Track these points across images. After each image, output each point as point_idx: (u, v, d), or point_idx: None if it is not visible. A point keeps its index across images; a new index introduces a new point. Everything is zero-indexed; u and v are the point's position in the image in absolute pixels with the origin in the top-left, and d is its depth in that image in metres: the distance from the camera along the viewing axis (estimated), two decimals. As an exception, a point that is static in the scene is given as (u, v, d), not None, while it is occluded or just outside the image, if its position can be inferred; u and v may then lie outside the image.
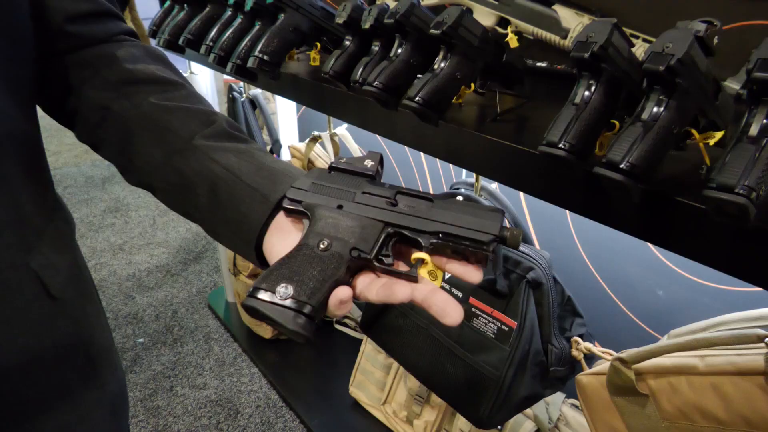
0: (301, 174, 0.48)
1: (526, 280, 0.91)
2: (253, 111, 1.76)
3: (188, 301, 2.13)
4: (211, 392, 1.70)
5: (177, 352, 1.87)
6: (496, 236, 0.40)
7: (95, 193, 3.06)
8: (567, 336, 0.95)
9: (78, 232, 2.60)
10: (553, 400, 1.11)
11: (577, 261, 1.19)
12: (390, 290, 0.38)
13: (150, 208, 2.86)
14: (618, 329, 1.14)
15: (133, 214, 2.82)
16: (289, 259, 0.40)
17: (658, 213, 0.44)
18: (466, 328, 0.98)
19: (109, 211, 2.85)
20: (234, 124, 0.53)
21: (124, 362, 1.81)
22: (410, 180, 1.68)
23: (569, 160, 0.43)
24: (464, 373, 0.97)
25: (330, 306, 0.39)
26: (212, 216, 0.48)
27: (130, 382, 1.73)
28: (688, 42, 0.38)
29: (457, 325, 0.37)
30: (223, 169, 0.47)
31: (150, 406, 1.64)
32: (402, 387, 1.41)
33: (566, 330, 0.96)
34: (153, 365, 1.81)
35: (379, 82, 0.58)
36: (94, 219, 2.77)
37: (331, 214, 0.43)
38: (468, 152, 0.62)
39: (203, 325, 1.99)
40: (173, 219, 2.75)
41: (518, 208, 1.27)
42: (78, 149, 3.57)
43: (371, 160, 0.47)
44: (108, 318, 2.01)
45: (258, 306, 0.38)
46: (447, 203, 0.43)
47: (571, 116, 0.43)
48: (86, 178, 3.25)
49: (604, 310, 1.16)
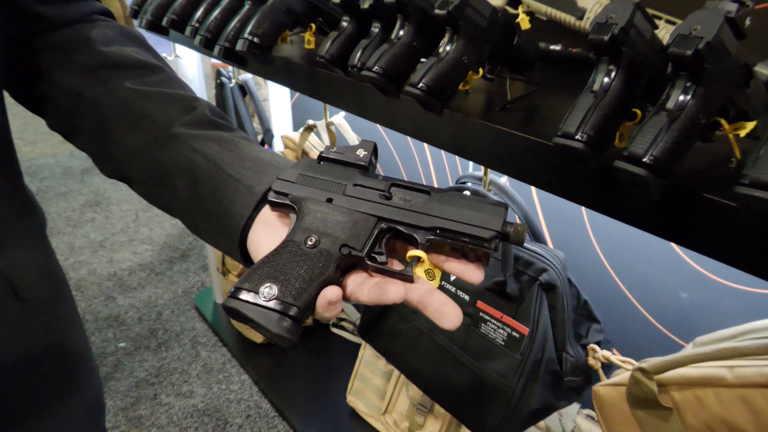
0: (288, 165, 0.48)
1: (538, 283, 0.91)
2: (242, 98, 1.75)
3: (174, 303, 2.13)
4: (198, 401, 1.70)
5: (161, 357, 1.87)
6: (498, 232, 0.40)
7: (74, 185, 3.07)
8: (583, 343, 0.95)
9: (55, 227, 2.61)
10: (567, 411, 1.11)
11: (593, 261, 1.18)
12: (383, 290, 0.37)
13: (133, 202, 2.86)
14: (638, 336, 1.13)
15: (114, 208, 2.82)
16: (274, 256, 0.40)
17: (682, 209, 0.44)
18: (473, 334, 0.97)
19: (89, 205, 2.86)
20: (217, 110, 0.52)
21: (105, 368, 1.81)
22: (413, 173, 1.67)
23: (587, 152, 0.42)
24: (470, 382, 0.97)
25: (318, 307, 0.39)
26: (193, 210, 0.48)
27: (110, 389, 1.73)
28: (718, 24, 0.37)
29: (455, 328, 0.37)
30: (204, 159, 0.47)
31: (132, 416, 1.64)
32: (403, 396, 1.41)
33: (582, 336, 0.96)
34: (135, 371, 1.81)
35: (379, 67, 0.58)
36: (73, 214, 2.77)
37: (319, 208, 0.43)
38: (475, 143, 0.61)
39: (190, 329, 2.00)
40: (158, 214, 2.75)
41: (530, 204, 1.27)
42: (55, 138, 3.57)
43: (364, 150, 0.47)
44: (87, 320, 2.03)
45: (239, 307, 0.37)
46: (446, 197, 0.43)
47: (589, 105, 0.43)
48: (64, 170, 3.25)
49: (623, 314, 1.15)
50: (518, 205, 0.99)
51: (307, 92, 0.87)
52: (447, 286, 1.02)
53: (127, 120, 0.49)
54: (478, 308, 0.97)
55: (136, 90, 0.50)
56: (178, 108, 0.50)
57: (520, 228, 0.41)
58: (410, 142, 1.66)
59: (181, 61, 1.82)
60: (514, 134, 0.55)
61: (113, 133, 0.49)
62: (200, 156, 0.47)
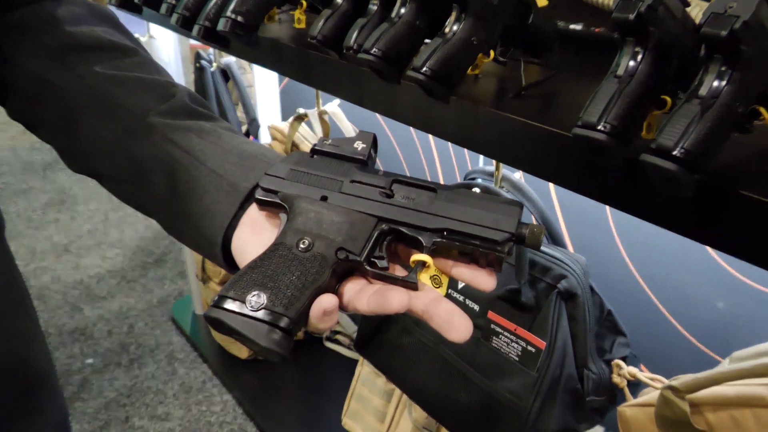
0: (278, 159, 0.48)
1: (557, 291, 0.91)
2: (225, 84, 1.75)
3: (147, 314, 2.13)
4: (175, 424, 1.70)
5: (134, 375, 1.87)
6: (512, 234, 0.40)
7: (35, 182, 3.07)
8: (607, 359, 0.95)
9: (14, 229, 2.61)
10: (588, 435, 1.11)
11: (619, 267, 1.18)
12: (383, 298, 0.38)
13: (101, 201, 2.86)
14: (669, 350, 1.14)
15: (81, 207, 2.83)
16: (263, 261, 0.40)
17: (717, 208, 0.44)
18: (483, 349, 0.98)
19: (52, 205, 2.86)
20: (197, 98, 0.53)
21: (71, 387, 1.81)
22: (417, 168, 1.67)
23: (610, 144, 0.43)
24: (480, 403, 0.97)
25: (311, 318, 0.39)
26: (170, 209, 0.48)
27: (76, 411, 1.73)
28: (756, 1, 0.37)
29: (464, 341, 0.37)
30: (183, 152, 0.47)
31: (101, 441, 1.65)
32: (406, 418, 1.41)
33: (606, 351, 0.96)
34: (105, 391, 1.81)
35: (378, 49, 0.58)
36: (34, 214, 2.78)
37: (313, 207, 0.43)
38: (486, 134, 0.61)
39: (166, 343, 2.00)
40: (130, 214, 2.75)
41: (547, 202, 1.27)
42: (14, 129, 3.57)
43: (362, 142, 0.47)
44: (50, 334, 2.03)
45: (223, 318, 0.38)
46: (454, 195, 0.43)
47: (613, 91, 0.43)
48: (24, 165, 3.25)
49: (652, 326, 1.15)
50: (534, 204, 0.99)
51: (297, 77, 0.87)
52: (454, 294, 1.02)
53: (97, 108, 0.49)
54: (490, 319, 0.97)
55: (107, 75, 0.50)
56: (154, 95, 0.50)
57: (536, 229, 0.41)
58: (413, 134, 1.66)
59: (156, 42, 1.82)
60: (530, 124, 0.56)
61: (81, 123, 0.50)
62: (179, 149, 0.47)
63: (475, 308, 0.99)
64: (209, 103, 1.72)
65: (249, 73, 2.07)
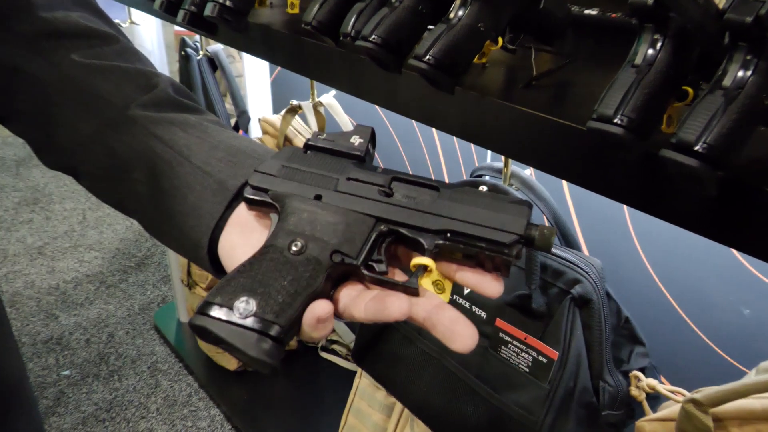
0: (268, 154, 0.48)
1: (570, 297, 0.91)
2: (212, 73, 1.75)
3: (128, 322, 2.14)
4: (159, 441, 1.70)
5: (114, 388, 1.87)
6: (520, 236, 0.40)
7: (7, 179, 3.07)
8: (624, 370, 0.95)
9: (-15, 230, 2.62)
10: (604, 452, 1.11)
11: (637, 271, 1.18)
12: (382, 305, 0.38)
13: (79, 200, 2.86)
14: (691, 360, 1.14)
15: (56, 207, 2.83)
16: (252, 265, 0.40)
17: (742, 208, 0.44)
18: (491, 359, 0.98)
19: (26, 204, 2.86)
20: (182, 89, 0.53)
21: (45, 401, 1.81)
22: (419, 165, 1.68)
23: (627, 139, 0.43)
24: (488, 417, 0.97)
25: (304, 326, 0.39)
26: (152, 208, 0.48)
27: (52, 426, 1.74)
28: (785, -16, 0.37)
29: (469, 351, 0.37)
30: (166, 146, 0.47)
31: (78, 459, 1.65)
32: (407, 435, 1.41)
33: (623, 362, 0.96)
34: (82, 405, 1.81)
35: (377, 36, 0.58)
36: (6, 214, 2.78)
37: (306, 207, 0.43)
38: (494, 128, 0.62)
39: (148, 353, 2.00)
40: (109, 214, 2.75)
41: (560, 202, 1.27)
42: (-15, 122, 3.58)
43: (359, 137, 0.47)
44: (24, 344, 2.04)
45: (209, 326, 0.38)
46: (458, 193, 0.43)
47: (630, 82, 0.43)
48: (-5, 161, 3.25)
49: (672, 335, 1.15)
50: (545, 204, 0.99)
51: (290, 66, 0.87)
52: (459, 301, 1.03)
53: (75, 100, 0.50)
54: (498, 328, 0.97)
55: (86, 64, 0.50)
56: (136, 85, 0.50)
57: (547, 231, 0.41)
58: (415, 127, 1.66)
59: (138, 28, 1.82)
60: (541, 117, 0.56)
61: (57, 115, 0.50)
62: (162, 143, 0.48)
63: (482, 316, 1.00)
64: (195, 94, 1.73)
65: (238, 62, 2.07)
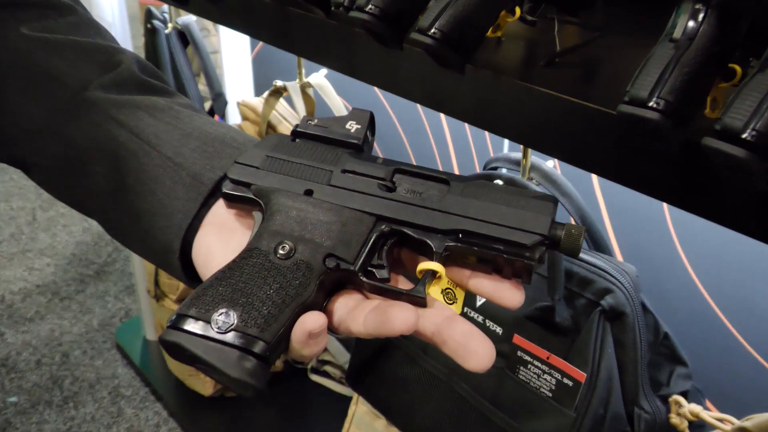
0: (250, 143, 0.48)
1: (600, 309, 0.91)
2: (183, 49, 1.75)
3: (86, 340, 2.13)
4: (122, 478, 1.70)
5: (69, 417, 1.87)
6: (544, 236, 0.40)
7: (-56, 174, 3.07)
8: (663, 394, 0.95)
9: None
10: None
11: (679, 279, 1.18)
12: (384, 317, 0.38)
13: (28, 198, 2.86)
14: (741, 383, 1.14)
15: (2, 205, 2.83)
16: (232, 271, 0.41)
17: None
18: (508, 382, 0.98)
19: (-34, 202, 2.86)
20: (149, 67, 0.53)
21: (-11, 432, 1.82)
22: (425, 156, 1.68)
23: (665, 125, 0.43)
24: (505, 450, 0.97)
25: (293, 342, 0.39)
26: (115, 206, 0.48)
27: (-3, 462, 1.74)
28: None
29: (485, 370, 0.37)
30: (131, 134, 0.48)
31: (28, 499, 1.65)
32: (411, 470, 1.41)
33: (662, 385, 0.96)
34: (33, 437, 1.81)
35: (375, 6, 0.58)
36: (-57, 214, 2.78)
37: (295, 204, 0.44)
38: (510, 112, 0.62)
39: (109, 376, 2.00)
40: (64, 213, 2.75)
41: (589, 199, 1.27)
42: None
43: (356, 122, 0.47)
44: (-36, 365, 2.03)
45: (184, 342, 0.38)
46: (471, 188, 0.43)
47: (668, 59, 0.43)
48: (-69, 152, 3.25)
49: (719, 353, 1.15)
50: (571, 201, 1.00)
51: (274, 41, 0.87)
52: (472, 314, 1.03)
53: (24, 80, 0.50)
54: (516, 345, 0.97)
55: (37, 38, 0.50)
56: (95, 63, 0.50)
57: (574, 230, 0.41)
58: (421, 113, 1.66)
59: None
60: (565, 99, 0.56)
61: (3, 98, 0.50)
62: (125, 130, 0.48)
63: (498, 331, 1.00)
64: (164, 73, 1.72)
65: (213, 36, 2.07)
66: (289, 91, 1.53)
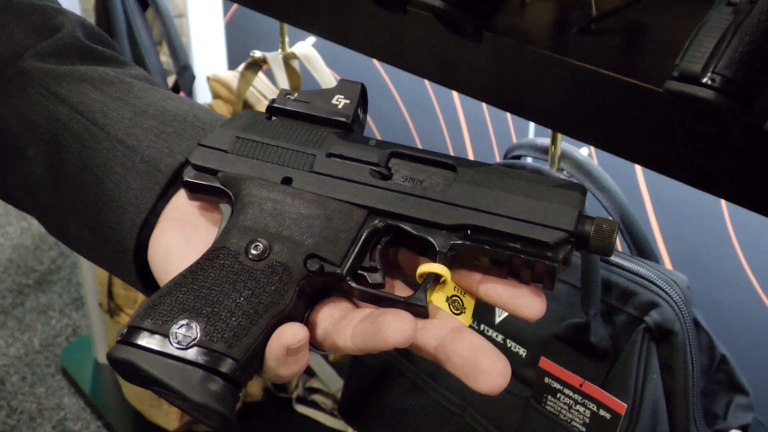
0: (218, 122, 0.48)
1: (644, 327, 0.91)
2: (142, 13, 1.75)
3: (25, 363, 2.14)
4: None
5: (5, 454, 1.87)
6: (569, 233, 0.40)
7: None
8: (720, 429, 0.95)
9: None
10: None
11: (740, 291, 1.18)
12: (375, 327, 0.38)
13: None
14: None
15: (-76, 201, 2.83)
16: (195, 275, 0.41)
17: None
18: (534, 415, 0.98)
19: None
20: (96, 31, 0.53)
21: None
22: (434, 141, 1.68)
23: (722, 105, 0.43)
24: (530, 496, 0.97)
25: (268, 359, 0.39)
26: (55, 200, 0.48)
27: None
28: None
29: (498, 392, 0.37)
30: (74, 112, 0.48)
31: None
32: None
33: (718, 417, 0.96)
34: (-39, 479, 1.82)
35: (373, -40, 0.58)
36: None
37: (270, 195, 0.44)
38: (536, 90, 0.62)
39: (53, 407, 2.00)
40: (-1, 211, 2.76)
41: (632, 193, 1.27)
42: None
43: (344, 97, 0.47)
44: None
45: (136, 359, 0.38)
46: (482, 174, 0.43)
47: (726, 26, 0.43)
48: None
49: (787, 381, 1.15)
50: (609, 196, 0.99)
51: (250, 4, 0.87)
52: (490, 332, 1.03)
53: None
54: (543, 371, 0.97)
55: None
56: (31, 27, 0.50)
57: (606, 226, 0.41)
58: (429, 90, 1.66)
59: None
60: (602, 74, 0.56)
61: None
62: (67, 108, 0.48)
63: (521, 354, 1.00)
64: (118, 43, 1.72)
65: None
66: (270, 63, 1.52)
